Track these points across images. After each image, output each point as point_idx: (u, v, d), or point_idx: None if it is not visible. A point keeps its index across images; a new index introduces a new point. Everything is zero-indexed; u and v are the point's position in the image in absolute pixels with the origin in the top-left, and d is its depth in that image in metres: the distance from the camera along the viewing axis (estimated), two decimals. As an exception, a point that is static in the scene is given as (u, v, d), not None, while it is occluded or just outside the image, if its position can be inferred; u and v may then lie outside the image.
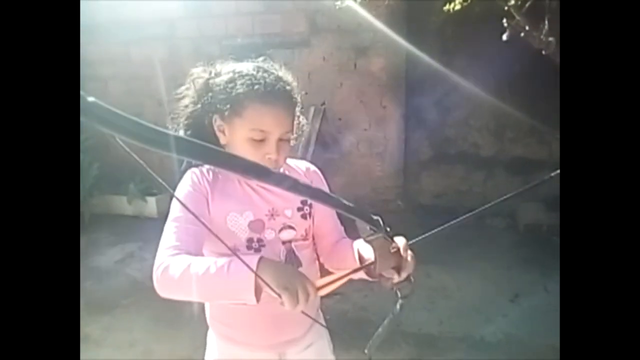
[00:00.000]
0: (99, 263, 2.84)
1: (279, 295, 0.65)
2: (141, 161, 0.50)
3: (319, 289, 0.69)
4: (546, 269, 2.51)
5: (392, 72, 3.28)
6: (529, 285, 2.39)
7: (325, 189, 0.95)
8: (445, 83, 3.12)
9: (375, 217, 0.68)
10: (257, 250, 0.85)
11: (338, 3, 2.25)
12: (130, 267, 2.77)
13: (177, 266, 0.72)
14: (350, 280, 0.75)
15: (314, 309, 0.94)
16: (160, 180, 0.52)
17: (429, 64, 2.99)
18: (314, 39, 3.30)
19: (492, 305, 2.24)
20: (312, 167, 0.98)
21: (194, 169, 0.87)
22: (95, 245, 3.07)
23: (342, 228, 0.98)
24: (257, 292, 0.68)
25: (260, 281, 0.66)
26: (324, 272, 0.90)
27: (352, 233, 0.92)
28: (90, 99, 0.37)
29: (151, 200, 3.48)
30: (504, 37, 1.93)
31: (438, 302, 2.31)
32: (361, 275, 0.78)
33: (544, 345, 1.88)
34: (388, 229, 0.71)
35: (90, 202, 3.45)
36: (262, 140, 0.81)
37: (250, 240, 0.85)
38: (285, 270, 0.71)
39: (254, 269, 0.66)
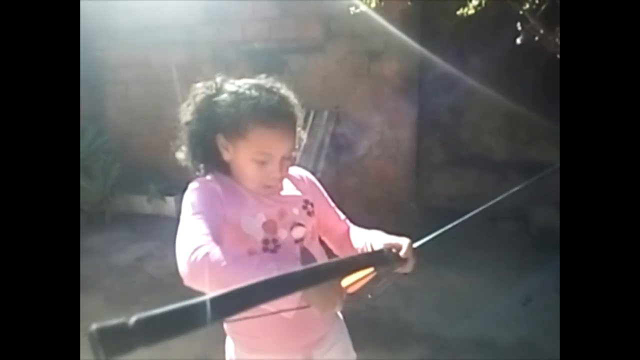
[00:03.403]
0: (119, 260, 2.91)
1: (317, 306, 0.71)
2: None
3: (345, 288, 0.76)
4: (558, 272, 2.48)
5: (405, 76, 3.29)
6: (541, 288, 2.38)
7: (319, 190, 1.00)
8: (458, 86, 3.13)
9: (386, 254, 0.80)
10: (274, 251, 0.85)
11: (352, 9, 2.28)
12: (150, 265, 2.84)
13: (220, 257, 0.68)
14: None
15: None
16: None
17: (442, 67, 3.00)
18: (328, 44, 3.34)
19: (504, 308, 2.23)
20: (305, 173, 1.01)
21: (201, 178, 0.88)
22: (115, 243, 3.15)
23: (344, 216, 1.02)
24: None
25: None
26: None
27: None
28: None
29: (170, 200, 3.57)
30: (518, 40, 1.91)
31: (449, 304, 2.32)
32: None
33: (556, 349, 1.87)
34: (394, 252, 0.82)
35: (112, 201, 3.56)
36: (265, 162, 0.83)
37: (265, 241, 0.85)
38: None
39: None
